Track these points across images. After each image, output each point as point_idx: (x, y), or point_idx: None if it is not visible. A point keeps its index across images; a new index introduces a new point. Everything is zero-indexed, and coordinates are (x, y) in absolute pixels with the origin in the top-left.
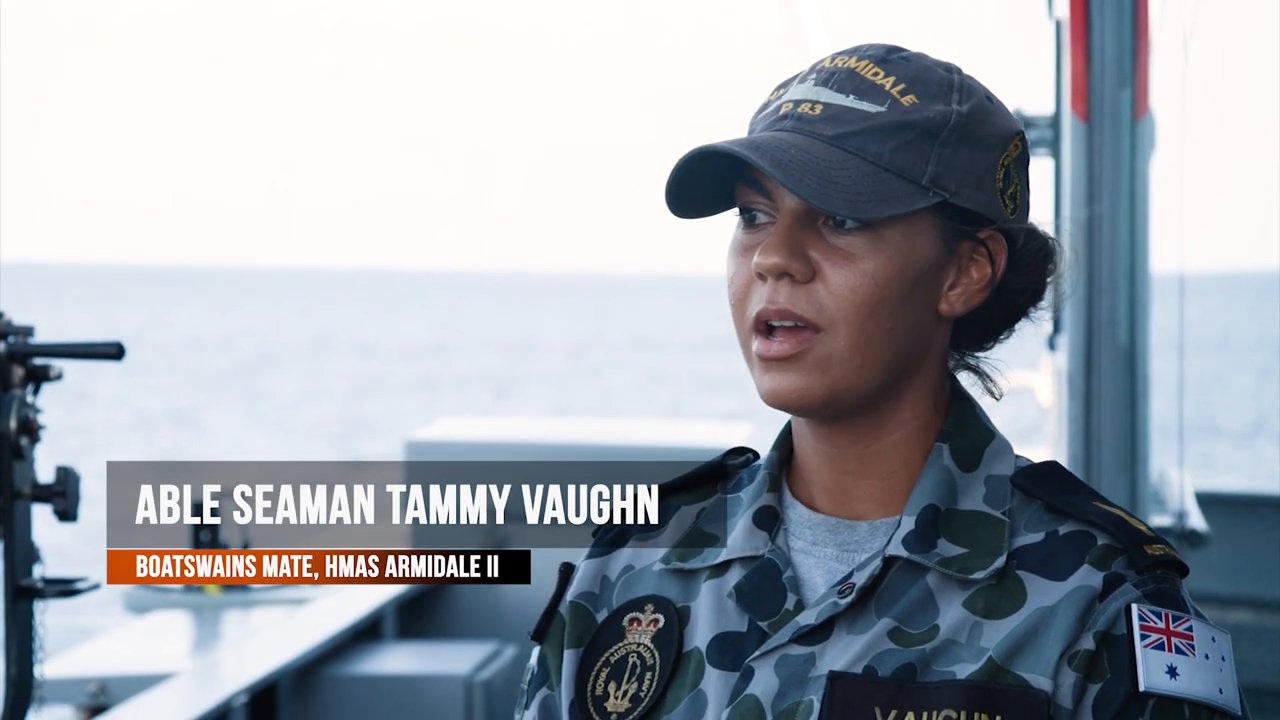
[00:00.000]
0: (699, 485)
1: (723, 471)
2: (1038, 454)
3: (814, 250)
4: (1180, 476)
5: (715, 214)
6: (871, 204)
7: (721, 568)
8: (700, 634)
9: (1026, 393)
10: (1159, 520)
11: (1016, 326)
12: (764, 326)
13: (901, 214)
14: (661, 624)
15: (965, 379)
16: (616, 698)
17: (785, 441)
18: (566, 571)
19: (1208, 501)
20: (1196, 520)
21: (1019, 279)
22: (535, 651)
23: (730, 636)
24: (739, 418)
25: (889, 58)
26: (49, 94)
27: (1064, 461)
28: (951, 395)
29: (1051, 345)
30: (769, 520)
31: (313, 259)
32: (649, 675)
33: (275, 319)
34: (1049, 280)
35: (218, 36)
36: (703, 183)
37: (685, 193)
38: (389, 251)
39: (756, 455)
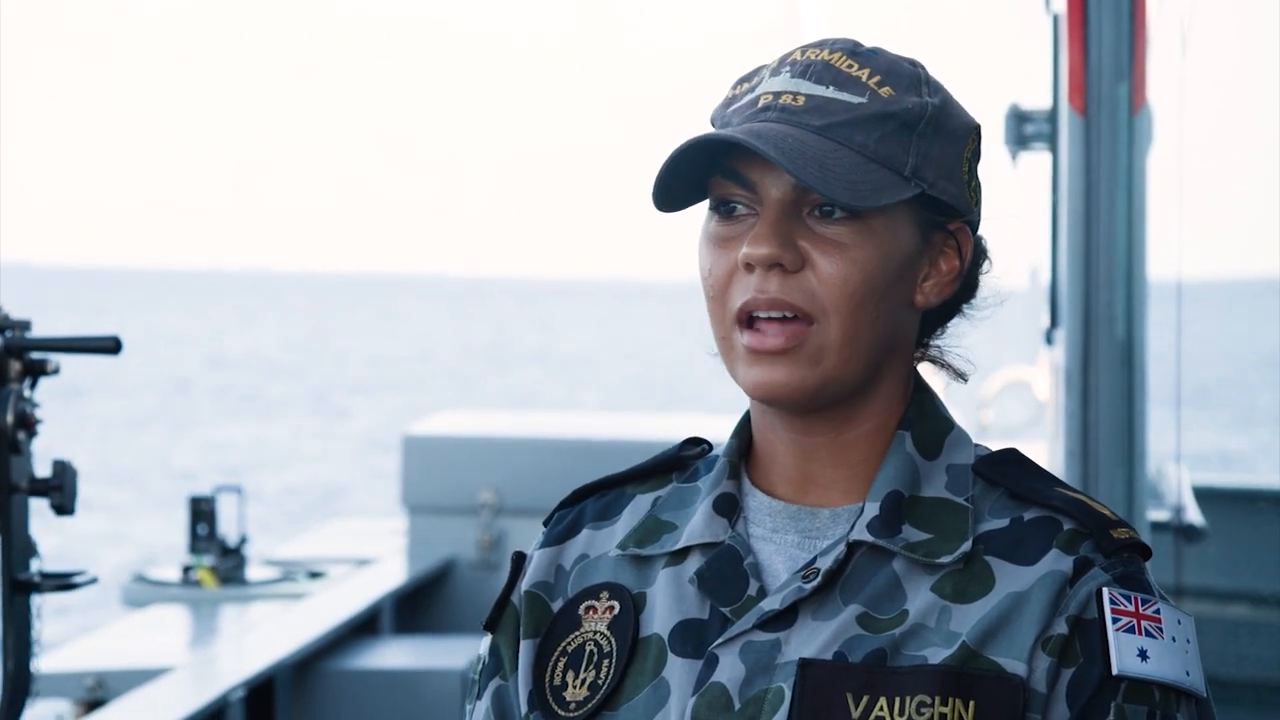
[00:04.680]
0: (654, 475)
1: (678, 462)
2: (1035, 448)
3: (802, 240)
4: (1178, 471)
5: (688, 207)
6: (868, 192)
7: (680, 555)
8: (659, 620)
9: (1024, 387)
10: (1156, 515)
11: (949, 325)
12: (747, 318)
13: (892, 204)
14: (617, 610)
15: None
16: (575, 687)
17: (744, 429)
18: (519, 561)
19: (1205, 496)
20: (1194, 515)
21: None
22: (486, 641)
23: (692, 624)
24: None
25: (858, 50)
26: (17, 95)
27: (1061, 456)
28: (914, 386)
29: (1049, 340)
30: (729, 507)
31: (282, 262)
32: (606, 662)
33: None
34: (981, 277)
35: (187, 37)
36: (680, 176)
37: (669, 186)
38: (355, 255)
39: (711, 446)
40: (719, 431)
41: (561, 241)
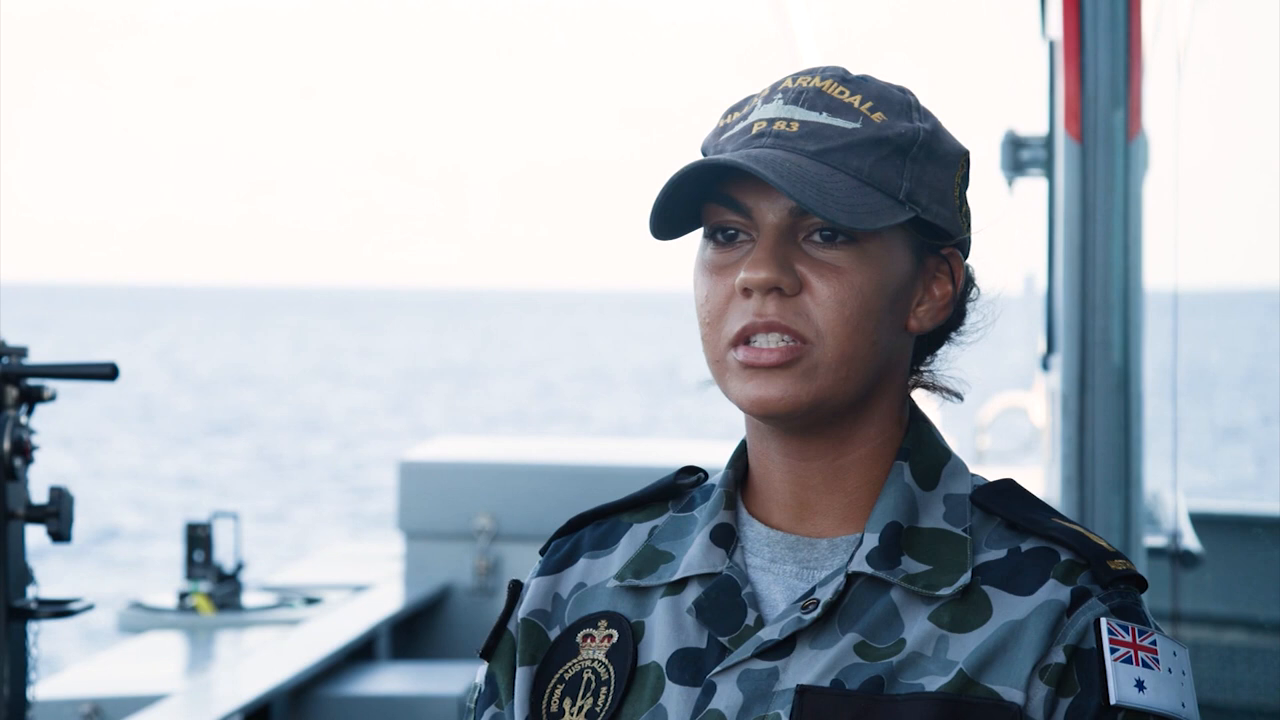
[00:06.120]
0: (650, 504)
1: (674, 491)
2: (1031, 474)
3: (798, 264)
4: (1174, 497)
5: (685, 234)
6: (865, 216)
7: (678, 585)
8: (657, 649)
9: (1020, 413)
10: (1153, 541)
11: (939, 352)
12: (745, 340)
13: (888, 227)
14: (615, 639)
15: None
16: (572, 714)
17: (740, 459)
18: (515, 589)
19: (1202, 522)
20: (1190, 541)
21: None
22: (482, 669)
23: (690, 652)
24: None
25: (849, 77)
26: (23, 116)
27: (1057, 482)
28: (910, 414)
29: (1045, 365)
30: (726, 537)
31: (289, 278)
32: (604, 690)
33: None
34: (969, 305)
35: (188, 57)
36: (677, 204)
37: (665, 214)
38: (363, 270)
39: (706, 475)
40: (712, 458)
41: (566, 254)
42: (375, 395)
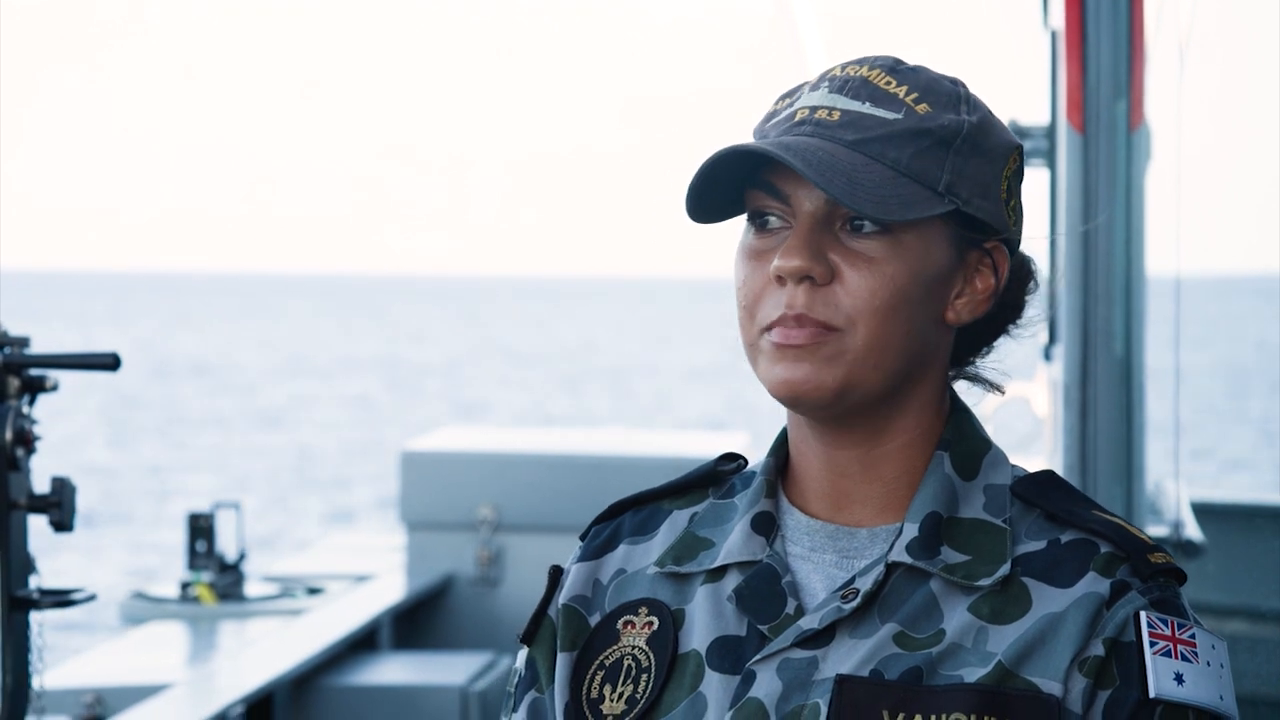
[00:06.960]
0: (690, 490)
1: (714, 477)
2: (1034, 464)
3: (832, 253)
4: (1176, 487)
5: (727, 219)
6: (896, 207)
7: (718, 572)
8: (697, 637)
9: (1022, 403)
10: (1155, 530)
11: (997, 343)
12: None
13: (922, 219)
14: (656, 626)
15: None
16: (612, 700)
17: (781, 448)
18: (556, 575)
19: (1204, 512)
20: (1193, 530)
21: (1004, 295)
22: (522, 654)
23: (729, 640)
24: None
25: (898, 68)
26: (30, 108)
27: (1060, 471)
28: (951, 405)
29: (1047, 356)
30: (766, 526)
31: (291, 266)
32: (644, 677)
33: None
34: (1027, 298)
35: (191, 51)
36: (717, 188)
37: (703, 197)
38: (366, 258)
39: (746, 461)
40: (716, 449)
41: (568, 241)
42: (363, 384)
